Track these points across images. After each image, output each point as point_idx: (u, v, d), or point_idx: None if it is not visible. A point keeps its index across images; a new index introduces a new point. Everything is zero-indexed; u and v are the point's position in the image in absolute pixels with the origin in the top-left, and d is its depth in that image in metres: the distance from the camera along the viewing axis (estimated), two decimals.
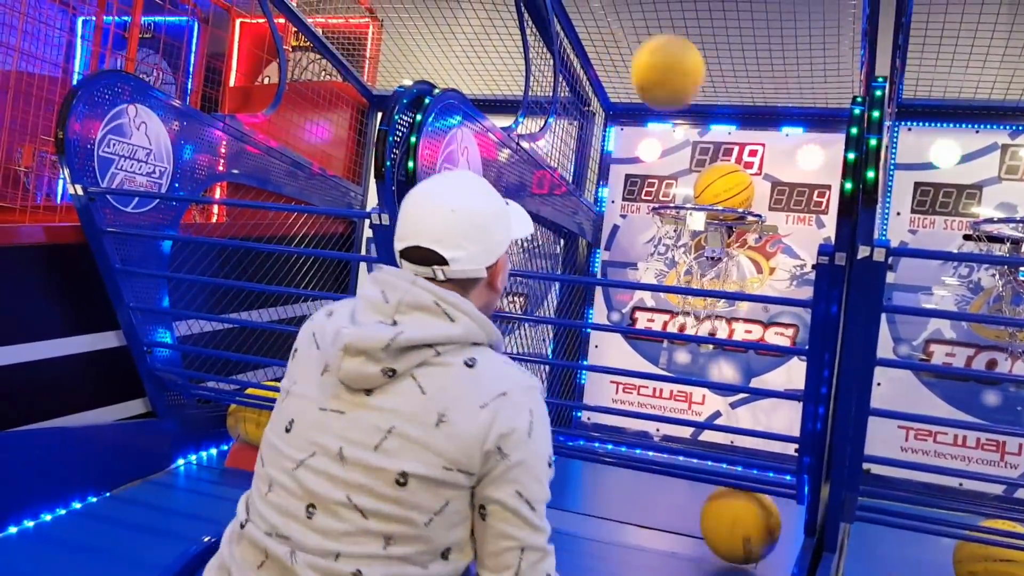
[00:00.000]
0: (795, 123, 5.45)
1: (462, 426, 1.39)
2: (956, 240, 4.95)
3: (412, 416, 1.39)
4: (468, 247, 1.50)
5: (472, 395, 1.41)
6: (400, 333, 1.40)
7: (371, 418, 1.40)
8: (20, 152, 4.51)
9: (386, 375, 1.41)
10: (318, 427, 1.44)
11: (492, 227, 1.55)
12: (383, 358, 1.40)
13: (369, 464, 1.39)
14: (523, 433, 1.43)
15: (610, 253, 5.80)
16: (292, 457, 1.45)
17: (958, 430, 4.86)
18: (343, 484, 1.39)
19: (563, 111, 5.40)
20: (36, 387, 3.86)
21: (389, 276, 1.49)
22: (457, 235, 1.49)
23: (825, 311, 2.90)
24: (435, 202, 1.52)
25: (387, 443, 1.38)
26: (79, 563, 3.19)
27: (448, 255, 1.48)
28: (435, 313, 1.45)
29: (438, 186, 1.57)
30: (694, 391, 5.51)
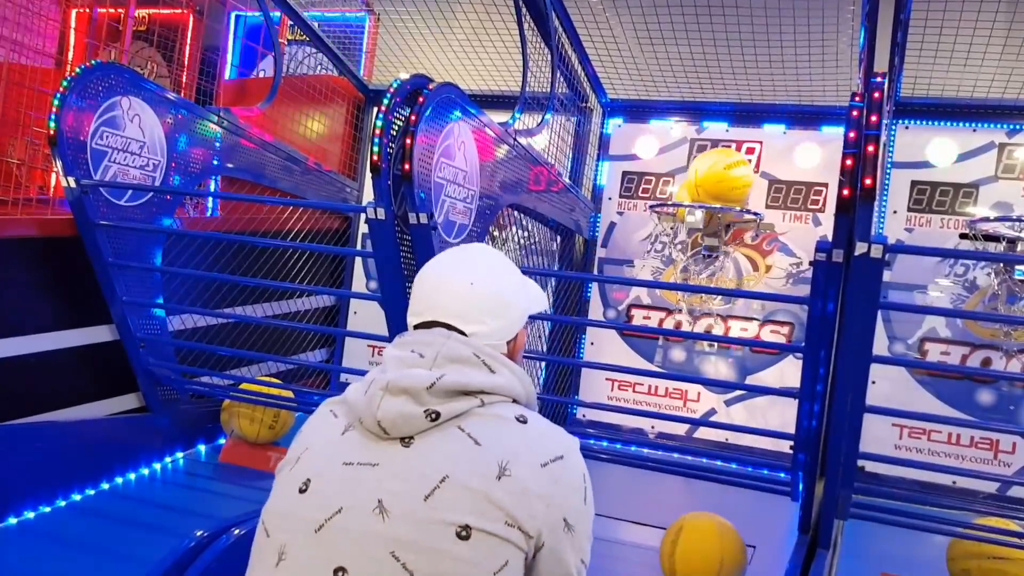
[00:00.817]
0: (793, 120, 5.44)
1: (525, 483, 1.29)
2: (952, 239, 4.95)
3: (470, 466, 1.27)
4: (489, 322, 1.46)
5: (531, 452, 1.33)
6: (443, 375, 1.33)
7: (416, 466, 1.28)
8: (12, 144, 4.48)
9: (429, 418, 1.30)
10: (345, 482, 1.30)
11: (512, 301, 1.51)
12: (427, 399, 1.31)
13: (421, 515, 1.24)
14: (581, 500, 1.40)
15: (607, 250, 5.79)
16: (312, 519, 1.29)
17: (952, 428, 4.87)
18: (385, 540, 1.24)
19: (561, 107, 5.39)
20: (28, 381, 3.84)
21: (420, 335, 1.42)
22: (478, 310, 1.45)
23: (822, 308, 2.89)
24: (453, 276, 1.47)
25: (441, 492, 1.25)
26: (72, 557, 3.17)
27: (469, 330, 1.43)
28: (475, 364, 1.38)
29: (455, 260, 1.52)
30: (689, 388, 5.50)
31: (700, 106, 5.58)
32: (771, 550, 3.65)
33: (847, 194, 2.69)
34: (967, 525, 3.32)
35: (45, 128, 3.87)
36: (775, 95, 5.31)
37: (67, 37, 5.51)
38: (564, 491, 1.34)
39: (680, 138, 5.69)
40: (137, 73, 4.27)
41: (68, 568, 3.05)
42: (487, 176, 4.06)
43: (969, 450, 4.86)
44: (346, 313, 6.15)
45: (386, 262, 3.58)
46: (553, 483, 1.32)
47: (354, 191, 6.14)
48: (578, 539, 1.37)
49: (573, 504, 1.36)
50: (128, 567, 2.82)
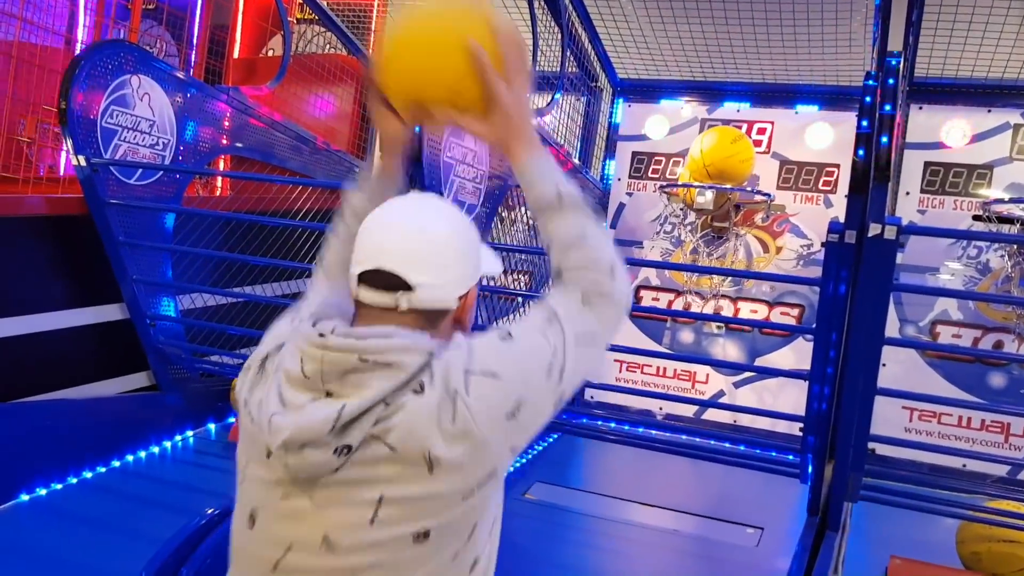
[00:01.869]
0: (805, 101, 5.40)
1: (452, 454, 1.21)
2: (966, 221, 4.91)
3: (397, 477, 1.20)
4: (440, 273, 1.30)
5: (439, 418, 1.21)
6: (343, 407, 1.21)
7: (349, 493, 1.21)
8: (23, 123, 4.48)
9: (341, 454, 1.21)
10: (286, 518, 1.25)
11: (466, 252, 1.36)
12: (331, 441, 1.20)
13: (371, 540, 1.20)
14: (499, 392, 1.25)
15: (615, 231, 5.77)
16: (265, 558, 1.25)
17: (963, 411, 4.85)
18: (342, 571, 1.21)
19: (570, 87, 5.35)
20: (40, 359, 3.85)
21: (300, 341, 1.28)
22: (426, 258, 1.29)
23: (834, 290, 2.87)
24: (402, 222, 1.33)
25: (383, 513, 1.20)
26: (83, 534, 3.19)
27: (415, 280, 1.27)
28: (367, 370, 1.23)
29: (405, 207, 1.38)
30: (698, 370, 5.50)
31: (711, 86, 5.54)
32: (780, 532, 3.65)
33: (861, 173, 2.66)
34: (977, 508, 3.31)
35: (55, 107, 3.86)
36: (787, 75, 5.26)
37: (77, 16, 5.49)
38: (483, 411, 1.22)
39: (691, 118, 5.65)
40: (147, 52, 4.26)
41: (79, 545, 3.07)
42: (496, 157, 4.04)
43: (980, 433, 4.85)
44: None
45: None
46: (469, 420, 1.21)
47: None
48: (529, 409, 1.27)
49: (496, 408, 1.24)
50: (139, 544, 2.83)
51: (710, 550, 3.60)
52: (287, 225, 4.92)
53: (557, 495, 4.06)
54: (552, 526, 3.65)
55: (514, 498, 3.96)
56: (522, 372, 1.28)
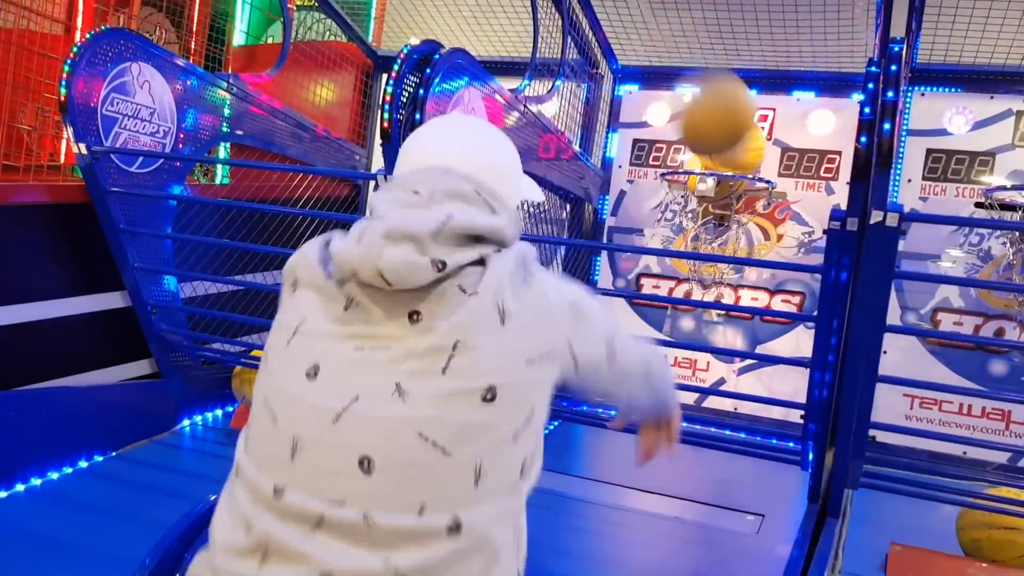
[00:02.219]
0: (806, 88, 5.38)
1: (525, 315, 1.23)
2: (967, 208, 4.91)
3: (473, 323, 1.19)
4: (503, 185, 1.34)
5: (512, 279, 1.24)
6: (449, 217, 1.21)
7: (426, 340, 1.19)
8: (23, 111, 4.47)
9: (436, 268, 1.19)
10: (359, 367, 1.20)
11: (505, 168, 1.38)
12: (432, 248, 1.19)
13: (442, 389, 1.17)
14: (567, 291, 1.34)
15: (616, 219, 5.77)
16: (326, 408, 1.19)
17: (964, 398, 4.86)
18: (409, 422, 1.16)
19: (571, 74, 5.34)
20: (42, 347, 3.86)
21: (411, 174, 1.30)
22: (470, 169, 1.31)
23: (835, 277, 2.87)
24: (443, 141, 1.35)
25: (456, 361, 1.18)
26: (85, 521, 3.21)
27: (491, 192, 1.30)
28: (476, 202, 1.26)
29: (444, 126, 1.41)
30: (699, 358, 5.50)
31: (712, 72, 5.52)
32: (780, 519, 3.66)
33: (863, 160, 2.66)
34: (978, 495, 3.32)
35: (55, 94, 3.86)
36: (788, 61, 5.25)
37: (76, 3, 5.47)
38: (552, 293, 1.29)
39: None
40: (146, 39, 4.25)
41: (83, 531, 3.08)
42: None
43: (980, 420, 4.86)
44: None
45: None
46: (541, 294, 1.27)
47: (363, 158, 6.11)
48: (588, 311, 1.34)
49: (563, 295, 1.31)
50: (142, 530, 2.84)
51: (711, 537, 3.61)
52: (288, 213, 4.92)
53: (557, 482, 4.07)
54: (552, 513, 3.66)
55: None
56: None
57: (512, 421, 1.22)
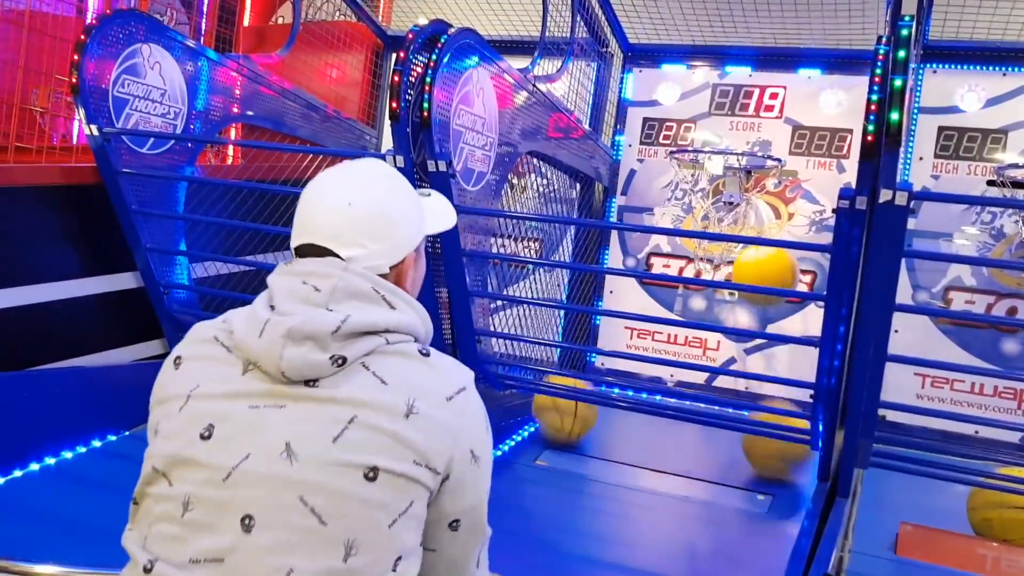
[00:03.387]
0: (817, 65, 5.33)
1: (433, 419, 1.26)
2: (980, 186, 4.87)
3: (378, 406, 1.24)
4: (369, 244, 1.34)
5: (436, 387, 1.30)
6: (348, 317, 1.26)
7: (323, 409, 1.23)
8: (36, 92, 4.49)
9: (335, 364, 1.25)
10: (253, 427, 1.24)
11: (397, 221, 1.39)
12: (331, 345, 1.24)
13: (329, 458, 1.20)
14: (484, 430, 1.36)
15: (626, 198, 5.75)
16: (219, 466, 1.23)
17: (975, 377, 4.84)
18: (292, 484, 1.20)
19: (580, 52, 5.31)
20: (55, 327, 3.90)
21: (311, 265, 1.32)
22: (355, 231, 1.34)
23: (845, 256, 2.87)
24: (331, 195, 1.37)
25: (349, 434, 1.22)
26: (99, 499, 3.23)
27: (345, 254, 1.32)
28: (374, 301, 1.31)
29: (336, 178, 1.41)
30: (709, 337, 5.50)
31: (723, 50, 5.48)
32: (791, 497, 3.68)
33: (871, 140, 2.64)
34: (989, 475, 3.32)
35: (67, 76, 3.87)
36: (800, 39, 5.20)
37: None
38: (469, 423, 1.32)
39: (702, 83, 5.60)
40: (157, 20, 4.25)
41: (96, 510, 3.11)
42: (506, 123, 4.03)
43: (993, 400, 4.84)
44: None
45: None
46: (459, 415, 1.30)
47: (373, 138, 6.11)
48: (483, 470, 1.35)
49: (478, 435, 1.34)
50: None
51: (721, 515, 3.63)
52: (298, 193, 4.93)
53: (567, 462, 4.09)
54: (563, 491, 3.69)
55: (525, 464, 3.99)
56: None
57: (389, 507, 1.23)
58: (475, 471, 1.33)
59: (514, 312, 4.59)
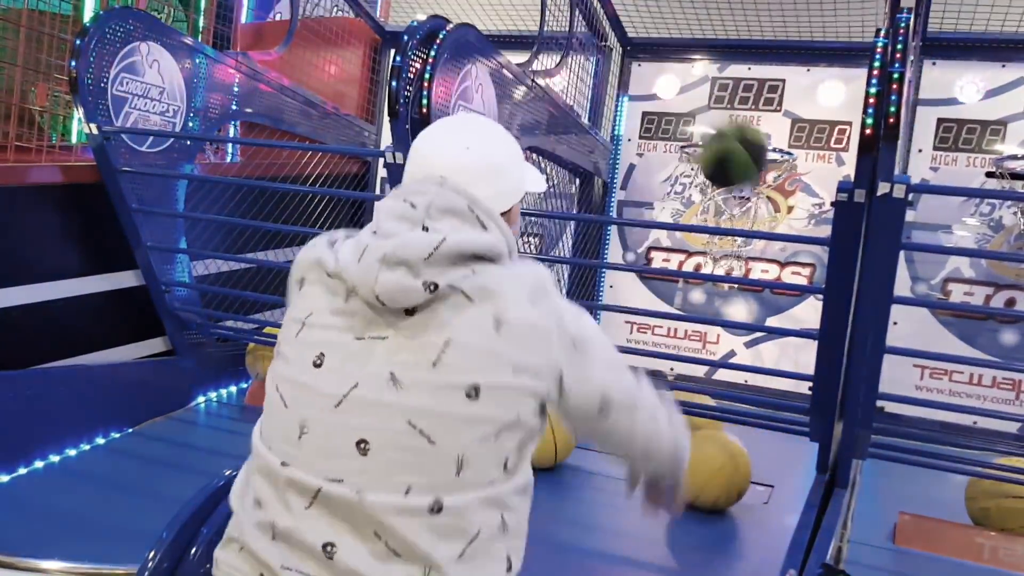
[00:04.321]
0: (816, 58, 5.34)
1: (521, 326, 1.31)
2: (978, 177, 4.88)
3: (468, 324, 1.29)
4: (483, 187, 1.39)
5: (519, 294, 1.32)
6: (443, 241, 1.29)
7: (421, 335, 1.28)
8: (34, 91, 4.49)
9: (428, 289, 1.28)
10: (358, 357, 1.30)
11: (508, 171, 1.46)
12: (424, 271, 1.28)
13: (430, 382, 1.27)
14: (575, 317, 1.39)
15: (626, 192, 5.76)
16: (330, 393, 1.30)
17: (974, 368, 4.86)
18: (401, 410, 1.27)
19: (579, 47, 5.32)
20: (58, 326, 3.91)
21: (412, 184, 1.39)
22: (470, 174, 1.39)
23: (843, 249, 2.87)
24: (449, 140, 1.43)
25: (447, 356, 1.27)
26: (103, 496, 3.26)
27: (476, 193, 1.37)
28: (468, 219, 1.34)
29: (453, 125, 1.50)
30: (709, 331, 5.51)
31: (722, 43, 5.49)
32: (789, 489, 3.69)
33: (870, 133, 2.65)
34: (987, 465, 3.33)
35: (66, 75, 3.88)
36: (799, 32, 5.21)
37: None
38: (557, 318, 1.35)
39: (701, 77, 5.61)
40: (155, 18, 4.25)
41: (100, 506, 3.14)
42: (505, 118, 4.04)
43: (991, 391, 4.86)
44: None
45: None
46: (546, 315, 1.34)
47: (372, 135, 6.12)
48: (593, 351, 1.39)
49: (569, 323, 1.37)
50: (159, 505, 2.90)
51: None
52: (298, 191, 4.94)
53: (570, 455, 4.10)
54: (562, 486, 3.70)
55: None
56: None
57: (494, 420, 1.29)
58: (582, 358, 1.37)
59: None
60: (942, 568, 3.06)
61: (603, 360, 1.42)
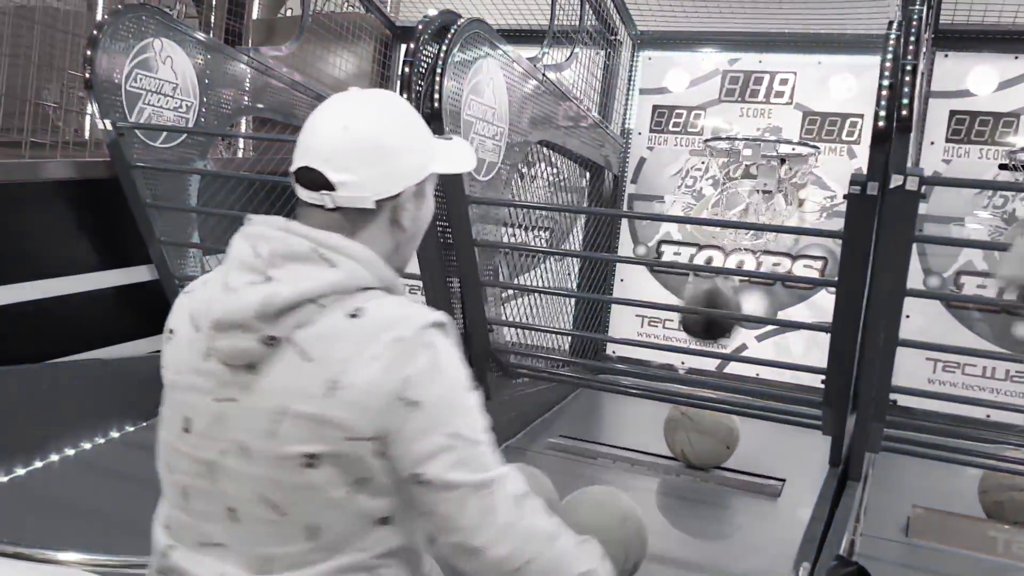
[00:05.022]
0: (828, 50, 5.31)
1: (358, 388, 1.20)
2: (991, 170, 4.85)
3: (302, 390, 1.21)
4: (359, 170, 1.28)
5: (364, 349, 1.21)
6: (274, 294, 1.22)
7: (263, 402, 1.23)
8: (48, 88, 4.52)
9: (266, 344, 1.22)
10: (220, 421, 1.27)
11: (393, 150, 1.32)
12: (259, 326, 1.22)
13: (272, 452, 1.22)
14: (428, 372, 1.23)
15: (636, 186, 5.75)
16: (201, 460, 1.28)
17: (987, 361, 4.83)
18: (253, 481, 1.24)
19: (589, 40, 5.31)
20: (72, 321, 3.94)
21: (259, 227, 1.32)
22: (346, 156, 1.28)
23: (856, 241, 2.87)
24: (328, 120, 1.33)
25: (282, 427, 1.21)
26: (117, 490, 3.28)
27: (335, 179, 1.28)
28: (313, 261, 1.25)
29: (339, 103, 1.36)
30: None
31: (732, 36, 5.47)
32: (802, 483, 3.69)
33: (883, 125, 2.65)
34: (1000, 458, 3.32)
35: (79, 71, 3.90)
36: (810, 23, 5.18)
37: None
38: (397, 374, 1.21)
39: (712, 70, 5.59)
40: (168, 14, 4.27)
41: (115, 500, 3.16)
42: (516, 113, 4.04)
43: (1004, 384, 4.83)
44: None
45: None
46: (384, 370, 1.21)
47: None
48: (430, 415, 1.22)
49: (415, 381, 1.22)
50: None
51: (733, 501, 3.65)
52: None
53: (581, 449, 4.11)
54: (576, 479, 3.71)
55: (537, 451, 4.02)
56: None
57: (340, 484, 1.22)
58: (415, 418, 1.21)
59: (525, 302, 4.61)
60: (955, 561, 3.05)
61: (437, 436, 1.23)
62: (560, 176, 5.22)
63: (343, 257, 1.26)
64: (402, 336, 1.23)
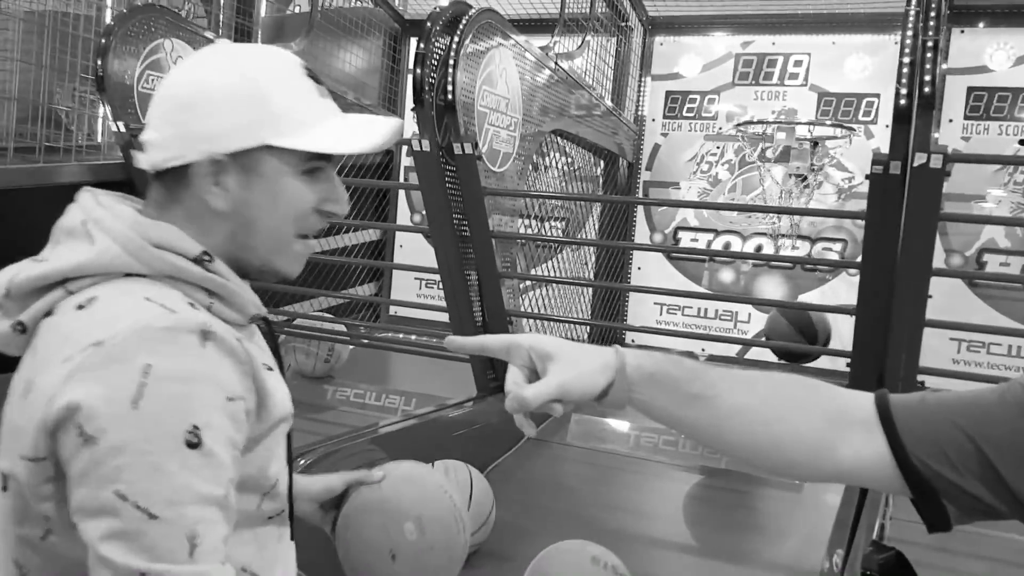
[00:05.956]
0: (842, 30, 5.25)
1: (41, 394, 0.90)
2: (1011, 146, 4.80)
3: (14, 389, 0.96)
4: (159, 129, 1.05)
5: (62, 346, 0.92)
6: (17, 273, 0.99)
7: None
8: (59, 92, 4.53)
9: (16, 331, 0.98)
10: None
11: (193, 107, 1.04)
12: (9, 308, 0.99)
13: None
14: (117, 399, 0.87)
15: (651, 172, 5.72)
16: None
17: (1012, 340, 4.78)
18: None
19: (600, 27, 5.27)
20: None
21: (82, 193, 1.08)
22: (155, 109, 1.07)
23: (879, 222, 2.84)
24: (165, 78, 1.12)
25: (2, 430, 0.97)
26: None
27: (143, 136, 1.07)
28: (78, 236, 1.00)
29: (185, 60, 1.13)
30: (740, 309, 5.47)
31: (745, 18, 5.42)
32: None
33: (904, 103, 2.61)
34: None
35: (91, 74, 3.90)
36: (823, 3, 5.13)
37: None
38: (79, 385, 0.87)
39: (724, 53, 5.54)
40: (177, 14, 4.27)
41: None
42: (529, 102, 4.01)
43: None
44: (392, 247, 6.19)
45: (431, 194, 3.57)
46: (65, 380, 0.88)
47: None
48: (102, 458, 0.86)
49: (91, 402, 0.87)
50: None
51: (760, 488, 3.62)
52: None
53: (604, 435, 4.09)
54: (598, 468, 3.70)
55: (557, 443, 4.00)
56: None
57: (31, 517, 0.94)
58: (83, 456, 0.87)
59: (542, 292, 4.59)
60: (987, 542, 3.02)
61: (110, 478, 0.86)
62: (574, 165, 5.19)
63: (102, 233, 0.99)
64: (102, 341, 0.89)
